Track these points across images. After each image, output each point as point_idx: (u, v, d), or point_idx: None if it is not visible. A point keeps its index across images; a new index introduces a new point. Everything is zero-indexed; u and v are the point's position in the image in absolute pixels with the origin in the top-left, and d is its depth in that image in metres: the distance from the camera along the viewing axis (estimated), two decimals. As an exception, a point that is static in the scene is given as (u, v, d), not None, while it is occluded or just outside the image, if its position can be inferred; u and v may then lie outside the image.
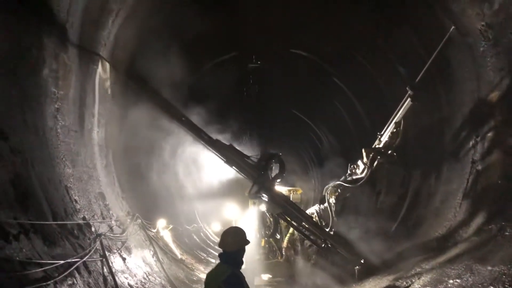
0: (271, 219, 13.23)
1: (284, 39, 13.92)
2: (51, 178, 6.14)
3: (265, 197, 9.95)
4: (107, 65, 8.85)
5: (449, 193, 8.22)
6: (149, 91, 10.81)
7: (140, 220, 10.10)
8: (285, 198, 10.60)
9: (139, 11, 9.16)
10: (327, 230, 10.21)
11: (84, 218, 6.83)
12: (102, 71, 8.63)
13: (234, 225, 10.40)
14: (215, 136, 11.17)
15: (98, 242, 6.57)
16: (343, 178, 10.54)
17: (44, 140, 6.21)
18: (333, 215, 10.37)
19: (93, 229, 6.96)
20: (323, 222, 11.10)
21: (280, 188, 12.79)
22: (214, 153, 10.51)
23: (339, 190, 10.29)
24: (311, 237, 10.30)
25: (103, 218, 7.80)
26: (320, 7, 11.40)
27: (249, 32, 13.65)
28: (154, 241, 10.69)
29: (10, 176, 4.88)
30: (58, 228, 5.62)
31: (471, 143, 7.57)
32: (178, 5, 10.40)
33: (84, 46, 7.48)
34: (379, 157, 9.28)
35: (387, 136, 9.09)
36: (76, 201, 6.81)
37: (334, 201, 10.44)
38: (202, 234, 20.67)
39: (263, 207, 12.31)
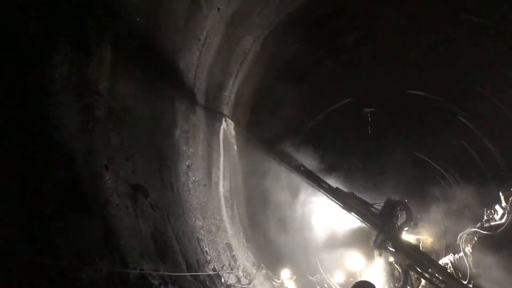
0: (400, 271, 12.41)
1: (400, 81, 13.58)
2: (184, 231, 6.56)
3: (391, 247, 9.45)
4: (230, 121, 9.43)
5: None
6: (268, 142, 11.20)
7: (265, 271, 10.17)
8: (414, 248, 10.00)
9: (257, 69, 9.70)
10: (465, 282, 9.30)
11: (214, 269, 7.10)
12: (226, 128, 9.21)
13: (360, 279, 9.97)
14: (333, 183, 11.06)
15: (228, 293, 6.76)
16: (479, 224, 9.67)
17: (178, 195, 6.72)
18: (471, 265, 9.45)
19: (222, 279, 7.18)
20: (459, 273, 10.14)
21: (408, 237, 12.04)
22: (334, 201, 10.39)
23: (475, 238, 9.41)
24: (447, 290, 9.44)
25: (231, 269, 8.03)
26: (436, 44, 10.98)
27: (362, 77, 13.60)
28: (280, 292, 10.64)
29: (151, 230, 5.35)
30: (193, 279, 5.92)
31: None
32: (293, 58, 10.80)
33: (210, 107, 8.11)
34: (521, 200, 8.35)
35: (529, 176, 8.18)
36: (206, 253, 7.15)
37: (470, 250, 9.55)
38: (326, 285, 20.02)
39: (390, 258, 11.64)
